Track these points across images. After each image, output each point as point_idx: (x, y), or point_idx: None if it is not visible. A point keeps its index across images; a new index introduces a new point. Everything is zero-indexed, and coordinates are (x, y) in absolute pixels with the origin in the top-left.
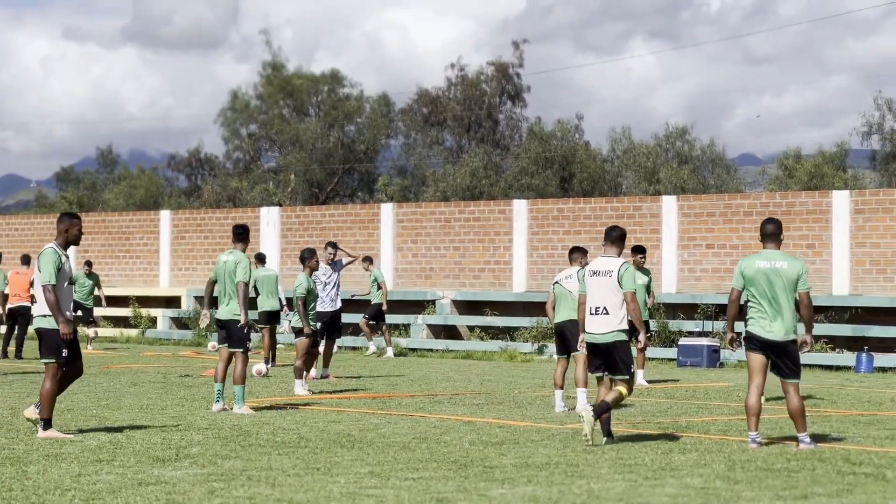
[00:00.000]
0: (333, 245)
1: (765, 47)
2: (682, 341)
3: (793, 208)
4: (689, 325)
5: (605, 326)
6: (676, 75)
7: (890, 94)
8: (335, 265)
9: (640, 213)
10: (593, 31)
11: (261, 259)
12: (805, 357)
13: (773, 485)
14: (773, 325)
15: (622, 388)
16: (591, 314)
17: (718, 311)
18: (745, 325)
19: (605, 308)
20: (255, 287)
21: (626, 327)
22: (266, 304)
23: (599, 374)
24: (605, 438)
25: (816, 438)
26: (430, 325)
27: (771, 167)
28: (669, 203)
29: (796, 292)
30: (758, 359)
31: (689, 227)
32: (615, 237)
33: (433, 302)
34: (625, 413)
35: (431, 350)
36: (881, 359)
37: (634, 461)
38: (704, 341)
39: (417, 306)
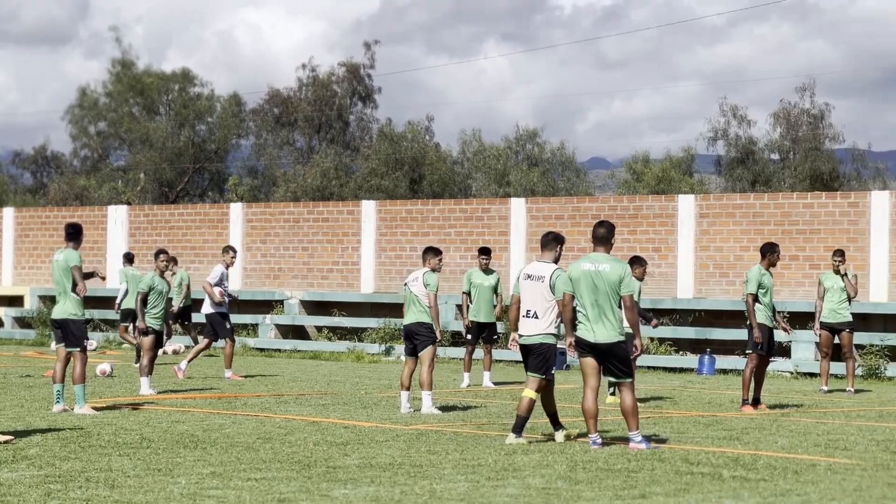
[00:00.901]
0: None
1: (616, 51)
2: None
3: (640, 212)
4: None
5: (533, 329)
6: (529, 78)
7: (735, 100)
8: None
9: (489, 215)
10: (447, 33)
11: (129, 258)
12: (649, 359)
13: (612, 485)
14: (596, 328)
15: (530, 390)
16: (523, 316)
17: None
18: (575, 330)
19: (535, 312)
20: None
21: (554, 331)
22: (132, 302)
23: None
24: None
25: (658, 440)
26: (278, 326)
27: (620, 171)
28: (518, 205)
29: (619, 295)
30: (589, 362)
31: (538, 229)
32: (550, 240)
33: (281, 302)
34: (470, 415)
35: (279, 350)
36: (723, 361)
37: (478, 462)
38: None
39: (266, 306)
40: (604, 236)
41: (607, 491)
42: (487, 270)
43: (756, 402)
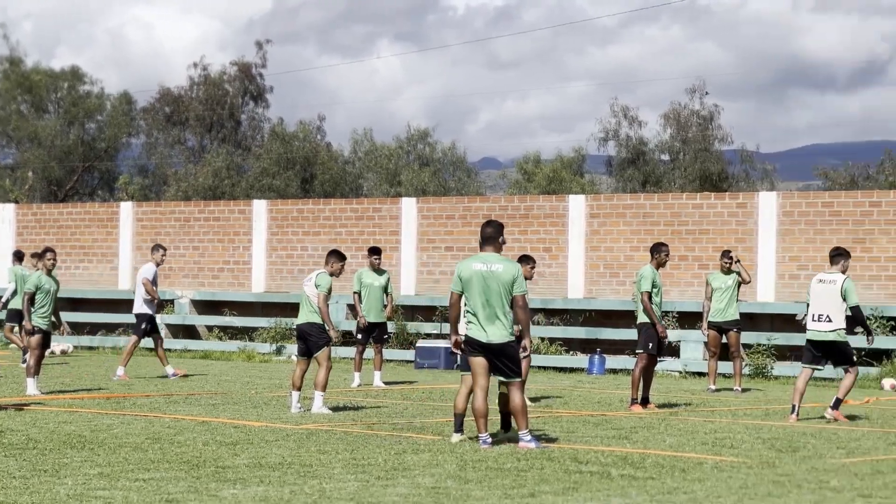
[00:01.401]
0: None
1: (509, 52)
2: (420, 343)
3: (531, 212)
4: (427, 328)
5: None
6: (421, 78)
7: (626, 101)
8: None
9: (380, 214)
10: (339, 33)
11: (18, 257)
12: (540, 359)
13: (502, 484)
14: (489, 329)
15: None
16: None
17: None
18: (466, 329)
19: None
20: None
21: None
22: (19, 301)
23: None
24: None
25: (548, 439)
26: (168, 325)
27: (511, 171)
28: (409, 205)
29: (511, 295)
30: (479, 362)
31: (429, 229)
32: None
33: (172, 301)
34: (360, 414)
35: (170, 350)
36: (612, 361)
37: (367, 461)
38: (442, 343)
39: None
40: (491, 235)
41: (497, 490)
42: (378, 270)
43: (645, 402)
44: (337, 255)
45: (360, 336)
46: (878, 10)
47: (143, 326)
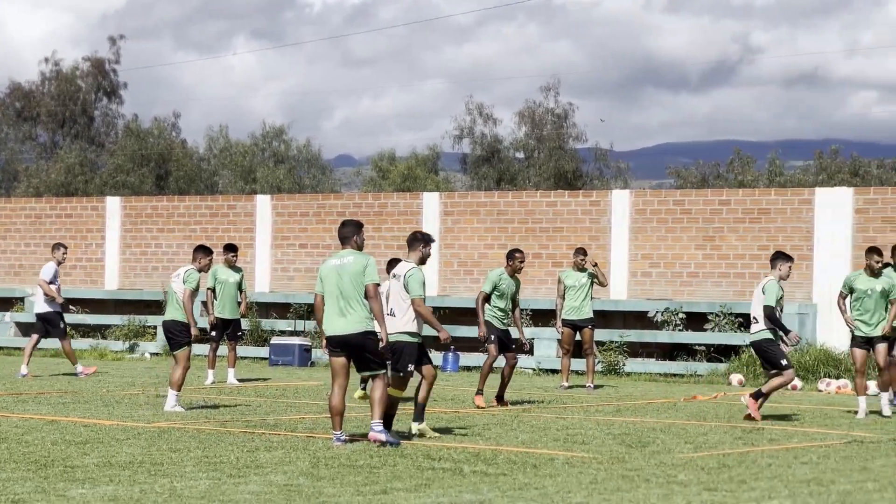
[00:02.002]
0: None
1: (364, 49)
2: (274, 340)
3: (385, 209)
4: (281, 325)
5: (390, 327)
6: (276, 75)
7: (481, 99)
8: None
9: (235, 212)
10: (195, 29)
11: None
12: None
13: (354, 481)
14: (341, 320)
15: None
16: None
17: (310, 311)
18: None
19: (392, 310)
20: None
21: (415, 329)
22: None
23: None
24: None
25: (403, 436)
26: (18, 323)
27: (366, 169)
28: (264, 202)
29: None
30: (338, 362)
31: (283, 226)
32: (413, 239)
33: (22, 299)
34: (214, 412)
35: (20, 348)
36: (467, 358)
37: (220, 459)
38: (296, 340)
39: (6, 303)
40: (347, 235)
41: (349, 487)
42: (234, 267)
43: (500, 400)
44: (204, 251)
45: (213, 333)
46: (728, 11)
47: (63, 325)
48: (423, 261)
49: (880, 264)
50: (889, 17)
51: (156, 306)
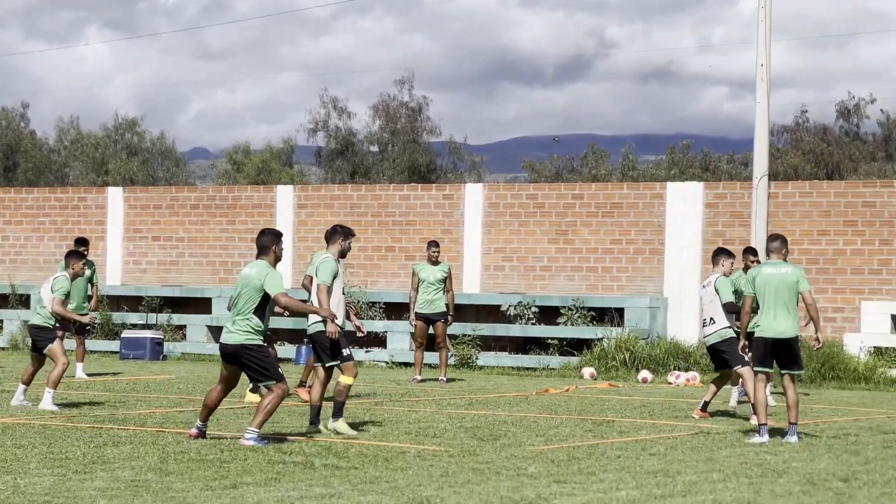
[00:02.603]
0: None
1: (220, 41)
2: (126, 334)
3: (239, 202)
4: (133, 318)
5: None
6: (130, 66)
7: (336, 92)
8: None
9: (86, 204)
10: (45, 18)
11: None
12: None
13: (203, 475)
14: (226, 334)
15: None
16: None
17: (163, 304)
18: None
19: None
20: None
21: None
22: None
23: None
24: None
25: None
26: None
27: (221, 161)
28: (115, 194)
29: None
30: (225, 368)
31: (136, 219)
32: (331, 233)
33: None
34: (61, 407)
35: None
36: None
37: (65, 455)
38: (148, 334)
39: None
40: (265, 244)
41: (198, 482)
42: (86, 261)
43: (302, 385)
44: (77, 256)
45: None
46: (583, 5)
47: None
48: (342, 254)
49: (755, 263)
50: (740, 14)
51: (2, 300)
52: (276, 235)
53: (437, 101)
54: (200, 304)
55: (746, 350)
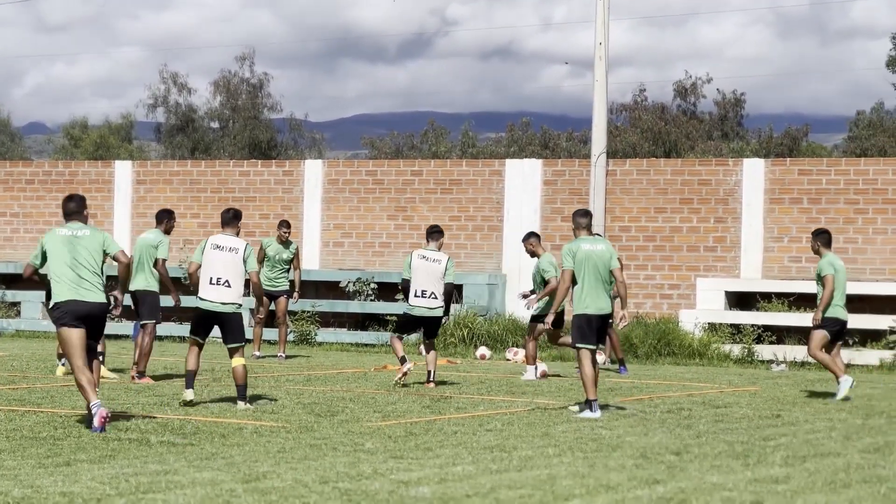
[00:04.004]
0: None
1: (58, 15)
2: None
3: (76, 177)
4: None
5: (226, 297)
6: None
7: (177, 67)
8: None
9: None
10: None
11: None
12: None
13: (36, 453)
14: (80, 290)
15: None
16: (210, 284)
17: (8, 280)
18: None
19: (227, 281)
20: None
21: (241, 302)
22: None
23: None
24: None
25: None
26: None
27: (58, 137)
28: None
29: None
30: (77, 332)
31: None
32: (227, 218)
33: None
34: None
35: None
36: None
37: None
38: None
39: None
40: (74, 210)
41: (31, 459)
42: None
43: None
44: None
45: None
46: None
47: None
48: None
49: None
50: None
51: None
52: (83, 199)
53: (278, 77)
54: (34, 281)
55: (548, 325)
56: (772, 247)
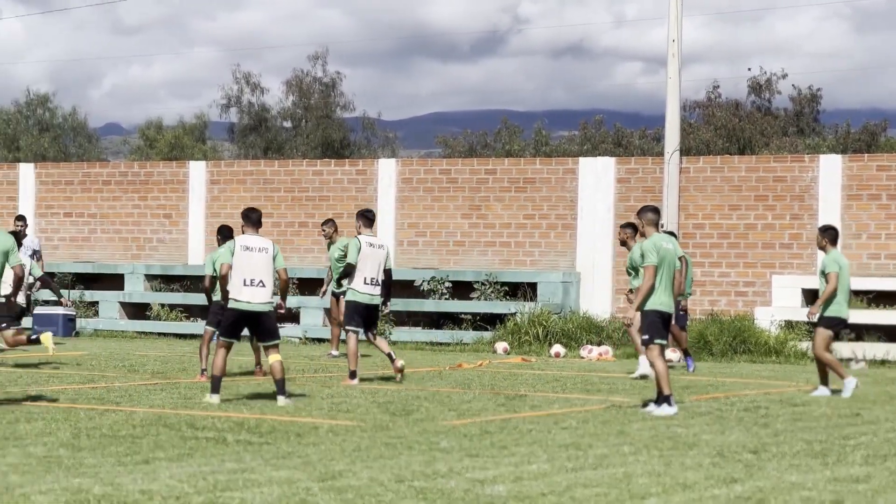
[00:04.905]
0: None
1: (134, 16)
2: (38, 310)
3: (151, 178)
4: (45, 294)
5: (261, 297)
6: (43, 42)
7: (249, 67)
8: None
9: None
10: None
11: None
12: (160, 325)
13: (116, 451)
14: None
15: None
16: (245, 285)
17: (75, 280)
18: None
19: (261, 281)
20: None
21: (273, 301)
22: None
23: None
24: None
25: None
26: None
27: (134, 137)
28: (27, 171)
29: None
30: None
31: (48, 195)
32: (255, 219)
33: None
34: None
35: None
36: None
37: None
38: (60, 310)
39: None
40: None
41: (110, 457)
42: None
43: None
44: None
45: None
46: None
47: None
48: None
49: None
50: None
51: None
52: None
53: (351, 76)
54: (113, 281)
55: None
56: (850, 244)
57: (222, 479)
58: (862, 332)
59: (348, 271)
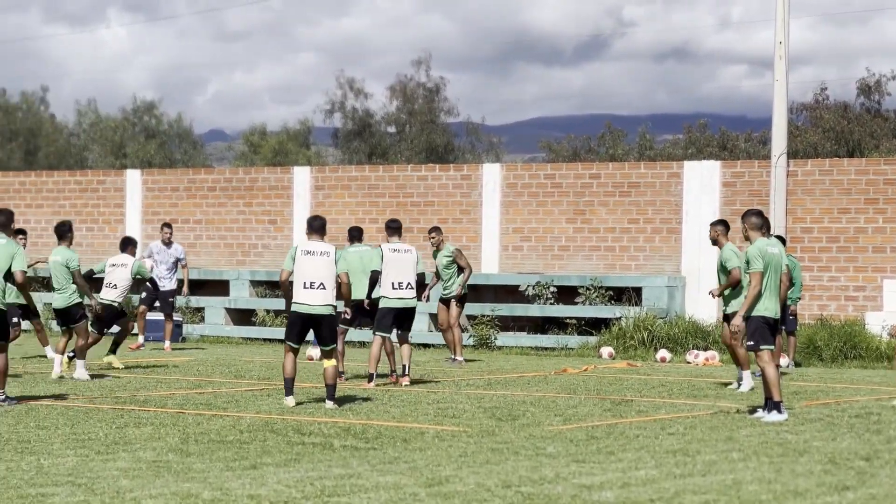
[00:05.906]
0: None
1: (238, 22)
2: (149, 316)
3: (256, 184)
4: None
5: (319, 300)
6: (148, 49)
7: (353, 73)
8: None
9: (104, 186)
10: (66, 2)
11: None
12: (266, 331)
13: (224, 456)
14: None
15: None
16: (305, 288)
17: (193, 286)
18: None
19: (321, 284)
20: None
21: (334, 302)
22: None
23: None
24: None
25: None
26: None
27: (238, 143)
28: (134, 177)
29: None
30: None
31: (154, 201)
32: (317, 226)
33: None
34: (82, 387)
35: None
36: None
37: (88, 436)
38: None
39: None
40: (3, 223)
41: (218, 462)
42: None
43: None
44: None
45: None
46: None
47: None
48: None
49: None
50: None
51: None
52: (10, 214)
53: (454, 81)
54: (218, 287)
55: (739, 326)
56: None
57: (329, 484)
58: None
59: (374, 279)
